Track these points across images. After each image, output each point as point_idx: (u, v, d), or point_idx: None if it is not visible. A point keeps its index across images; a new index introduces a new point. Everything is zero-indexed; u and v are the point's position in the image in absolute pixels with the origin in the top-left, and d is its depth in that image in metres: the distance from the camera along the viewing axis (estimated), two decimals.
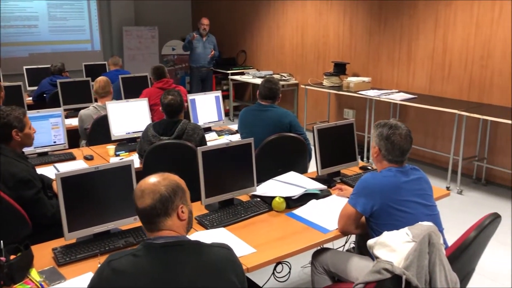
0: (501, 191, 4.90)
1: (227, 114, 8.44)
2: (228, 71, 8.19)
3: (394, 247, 1.79)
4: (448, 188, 4.88)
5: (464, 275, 2.24)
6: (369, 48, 6.23)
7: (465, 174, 5.17)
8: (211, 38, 7.72)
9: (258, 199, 2.73)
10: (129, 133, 4.01)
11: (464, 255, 2.07)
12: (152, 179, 1.59)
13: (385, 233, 1.93)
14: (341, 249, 3.12)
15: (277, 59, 7.95)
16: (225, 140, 4.13)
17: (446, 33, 5.26)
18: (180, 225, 1.61)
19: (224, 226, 2.41)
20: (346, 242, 3.21)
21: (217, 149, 2.60)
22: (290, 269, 2.90)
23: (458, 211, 4.34)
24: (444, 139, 5.40)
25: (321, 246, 2.55)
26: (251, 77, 7.67)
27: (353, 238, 3.08)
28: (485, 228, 2.08)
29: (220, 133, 4.33)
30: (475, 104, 4.93)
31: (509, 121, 4.28)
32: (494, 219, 2.13)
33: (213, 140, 4.12)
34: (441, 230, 2.28)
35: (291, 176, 2.98)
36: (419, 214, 2.19)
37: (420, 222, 1.93)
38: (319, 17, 6.93)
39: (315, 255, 2.50)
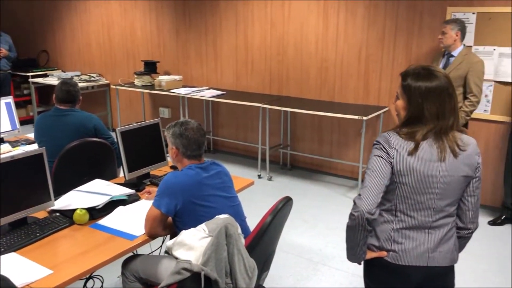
0: (304, 173, 5.46)
1: (30, 121, 7.63)
2: (29, 74, 7.38)
3: (192, 245, 1.81)
4: (259, 176, 5.23)
5: (266, 258, 2.40)
6: (177, 46, 6.27)
7: (273, 161, 5.61)
8: (5, 37, 6.84)
9: (58, 214, 2.50)
10: None
11: (263, 239, 2.21)
12: None
13: (183, 232, 1.94)
14: (157, 252, 3.08)
15: (84, 59, 7.46)
16: (21, 151, 3.69)
17: (246, 31, 5.60)
18: None
19: (14, 250, 2.14)
20: (162, 242, 3.17)
21: None
22: (102, 282, 2.74)
23: (269, 196, 4.68)
24: (253, 130, 5.77)
25: (134, 252, 2.47)
26: (56, 79, 7.04)
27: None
28: (279, 212, 2.25)
29: (15, 144, 3.85)
30: (276, 97, 5.37)
31: (304, 111, 4.76)
32: (286, 202, 2.31)
33: (6, 152, 3.64)
34: (243, 219, 2.40)
35: (96, 184, 2.81)
36: (222, 207, 2.27)
37: (217, 216, 1.98)
38: (125, 14, 6.70)
39: (125, 264, 2.40)
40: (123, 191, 2.72)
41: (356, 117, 4.40)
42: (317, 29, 5.07)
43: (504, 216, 4.17)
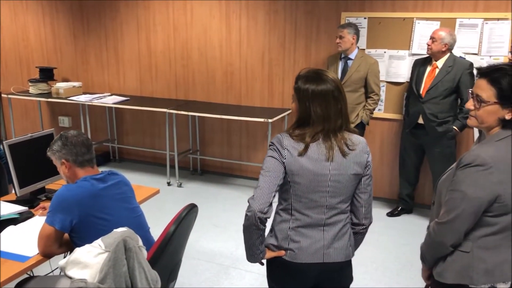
0: (215, 177, 5.44)
1: None
2: None
3: (87, 262, 1.71)
4: (169, 184, 5.12)
5: (172, 268, 2.35)
6: (75, 51, 5.94)
7: (183, 167, 5.53)
8: None
9: None
10: None
11: (167, 249, 2.15)
12: None
13: (77, 250, 1.83)
14: (57, 271, 2.88)
15: None
16: None
17: (148, 35, 5.46)
18: None
19: None
20: (64, 258, 2.97)
21: None
22: None
23: (179, 203, 4.57)
24: (161, 137, 5.64)
25: (30, 274, 2.29)
26: None
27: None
28: (183, 220, 2.21)
29: None
30: (183, 102, 5.30)
31: (212, 115, 4.75)
32: (190, 210, 2.28)
33: None
34: (146, 229, 2.33)
35: None
36: (122, 219, 2.17)
37: (114, 230, 1.89)
38: (15, 17, 6.22)
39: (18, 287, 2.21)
40: (13, 209, 2.52)
41: (262, 119, 4.48)
42: (221, 34, 5.09)
43: (400, 207, 4.48)
